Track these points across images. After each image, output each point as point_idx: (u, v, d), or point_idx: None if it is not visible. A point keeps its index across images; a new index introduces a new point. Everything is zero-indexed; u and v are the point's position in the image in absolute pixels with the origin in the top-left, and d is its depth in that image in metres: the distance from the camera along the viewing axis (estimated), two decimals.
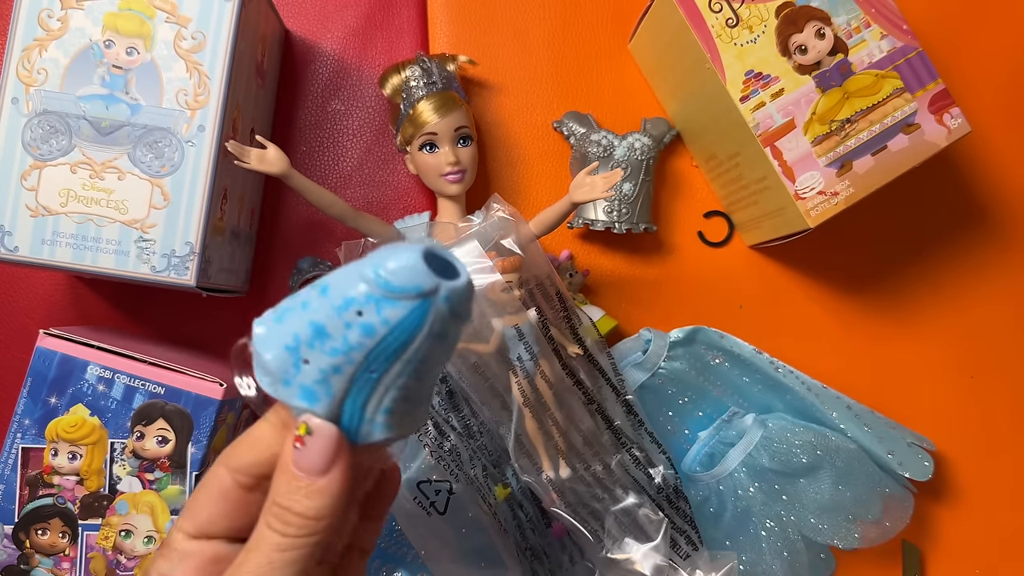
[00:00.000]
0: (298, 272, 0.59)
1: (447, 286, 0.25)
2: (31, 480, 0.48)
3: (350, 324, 0.25)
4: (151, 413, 0.48)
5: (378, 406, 0.26)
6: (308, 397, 0.26)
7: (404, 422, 0.27)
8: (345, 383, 0.26)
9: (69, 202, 0.46)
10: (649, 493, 0.52)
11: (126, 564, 0.48)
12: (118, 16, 0.47)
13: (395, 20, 0.61)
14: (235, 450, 0.29)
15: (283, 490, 0.27)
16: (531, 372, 0.49)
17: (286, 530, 0.27)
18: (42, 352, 0.48)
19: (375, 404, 0.26)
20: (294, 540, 0.27)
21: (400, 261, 0.25)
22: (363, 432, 0.27)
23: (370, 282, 0.25)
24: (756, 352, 0.58)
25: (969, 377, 0.62)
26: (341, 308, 0.25)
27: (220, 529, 0.29)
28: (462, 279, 0.26)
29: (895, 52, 0.51)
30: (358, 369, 0.25)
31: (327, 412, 0.26)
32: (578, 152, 0.59)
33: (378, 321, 0.25)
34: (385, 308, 0.25)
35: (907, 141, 0.51)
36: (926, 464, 0.56)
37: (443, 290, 0.25)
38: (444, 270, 0.26)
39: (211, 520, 0.29)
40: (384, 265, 0.25)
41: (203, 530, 0.29)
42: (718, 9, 0.51)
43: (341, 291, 0.25)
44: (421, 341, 0.25)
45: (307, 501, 0.27)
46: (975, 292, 0.62)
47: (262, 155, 0.49)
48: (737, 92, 0.51)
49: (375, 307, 0.25)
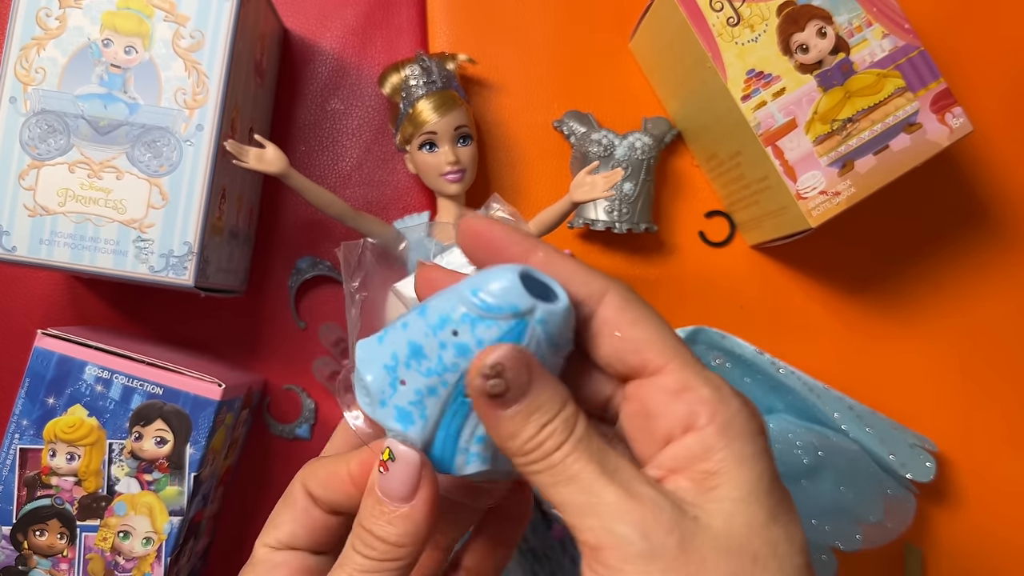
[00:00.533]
0: (297, 272, 0.58)
1: (544, 308, 0.25)
2: (29, 481, 0.48)
3: (445, 344, 0.25)
4: (149, 414, 0.48)
5: (472, 435, 0.26)
6: (403, 419, 0.26)
7: (499, 456, 0.26)
8: (440, 406, 0.26)
9: (67, 202, 0.46)
10: None
11: (124, 565, 0.48)
12: (116, 15, 0.47)
13: (394, 19, 0.61)
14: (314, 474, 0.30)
15: (367, 513, 0.27)
16: None
17: (369, 552, 0.27)
18: (40, 352, 0.48)
19: (469, 432, 0.26)
20: (377, 564, 0.27)
21: (497, 281, 0.25)
22: (457, 463, 0.26)
23: (466, 301, 0.25)
24: (758, 352, 0.57)
25: (971, 377, 0.62)
26: (437, 327, 0.25)
27: (304, 543, 0.30)
28: (561, 303, 0.25)
29: (897, 51, 0.51)
30: (452, 392, 0.25)
31: (421, 436, 0.26)
32: (578, 151, 0.59)
33: (472, 341, 0.25)
34: (479, 328, 0.25)
35: (909, 140, 0.51)
36: (928, 465, 0.56)
37: (539, 312, 0.25)
38: (544, 295, 0.25)
39: (293, 534, 0.30)
40: (482, 285, 0.25)
41: (287, 543, 0.30)
42: (719, 8, 0.51)
43: (438, 311, 0.25)
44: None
45: (389, 527, 0.27)
46: (977, 292, 0.62)
47: (261, 154, 0.49)
48: (738, 91, 0.51)
49: (470, 327, 0.25)
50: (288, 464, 0.58)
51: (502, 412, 0.24)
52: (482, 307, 0.25)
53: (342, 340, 0.58)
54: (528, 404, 0.24)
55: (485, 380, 0.24)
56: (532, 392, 0.24)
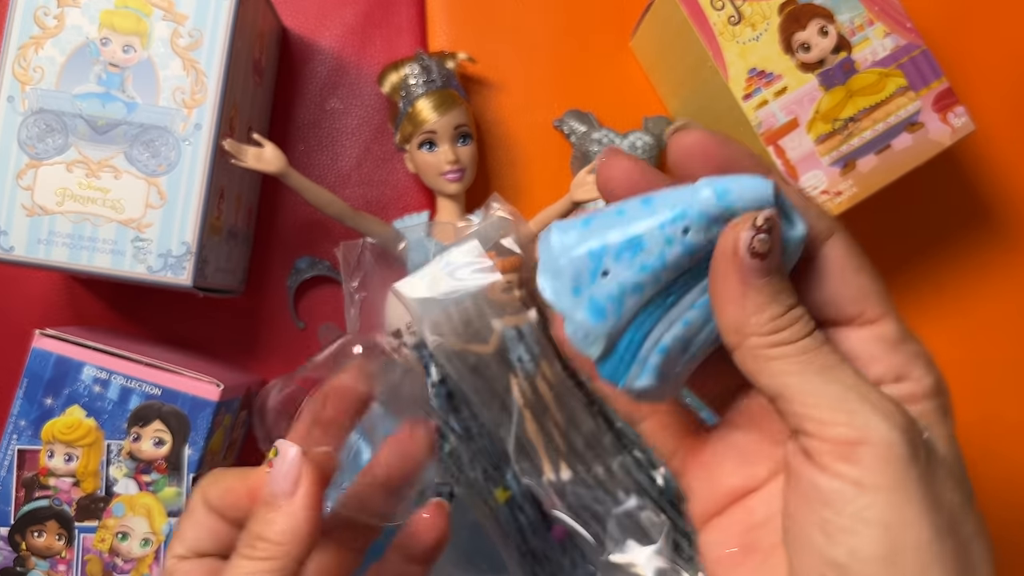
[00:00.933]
0: (296, 272, 0.58)
1: (785, 227, 0.23)
2: (27, 482, 0.48)
3: (672, 240, 0.23)
4: (147, 414, 0.48)
5: (656, 343, 0.24)
6: (595, 312, 0.24)
7: (670, 375, 0.25)
8: (638, 305, 0.24)
9: (65, 201, 0.46)
10: (651, 495, 0.51)
11: (123, 567, 0.48)
12: (115, 14, 0.46)
13: (394, 18, 0.61)
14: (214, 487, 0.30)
15: (254, 517, 0.28)
16: (532, 373, 0.49)
17: (252, 553, 0.27)
18: (38, 353, 0.48)
19: (654, 340, 0.24)
20: (260, 564, 0.27)
21: (751, 187, 0.23)
22: (631, 374, 0.25)
23: (707, 201, 0.23)
24: None
25: (973, 378, 0.61)
26: (668, 222, 0.23)
27: (210, 549, 0.30)
28: (799, 229, 0.24)
29: (899, 50, 0.51)
30: (659, 292, 0.24)
31: (609, 332, 0.24)
32: (579, 151, 0.59)
33: (704, 240, 0.23)
34: (715, 230, 0.23)
35: (911, 140, 0.51)
36: None
37: (785, 202, 0.24)
38: (786, 215, 0.24)
39: (198, 541, 0.30)
40: (730, 187, 0.23)
41: (194, 551, 0.30)
42: (720, 7, 0.51)
43: (670, 205, 0.24)
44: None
45: (271, 525, 0.27)
46: (979, 292, 0.62)
47: (259, 154, 0.49)
48: (740, 90, 0.51)
49: (705, 227, 0.23)
50: None
51: (757, 279, 0.23)
52: (727, 207, 0.23)
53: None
54: (779, 280, 0.23)
55: (754, 233, 0.22)
56: (782, 270, 0.23)
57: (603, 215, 0.25)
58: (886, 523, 0.22)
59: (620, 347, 0.25)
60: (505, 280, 0.48)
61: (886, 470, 0.22)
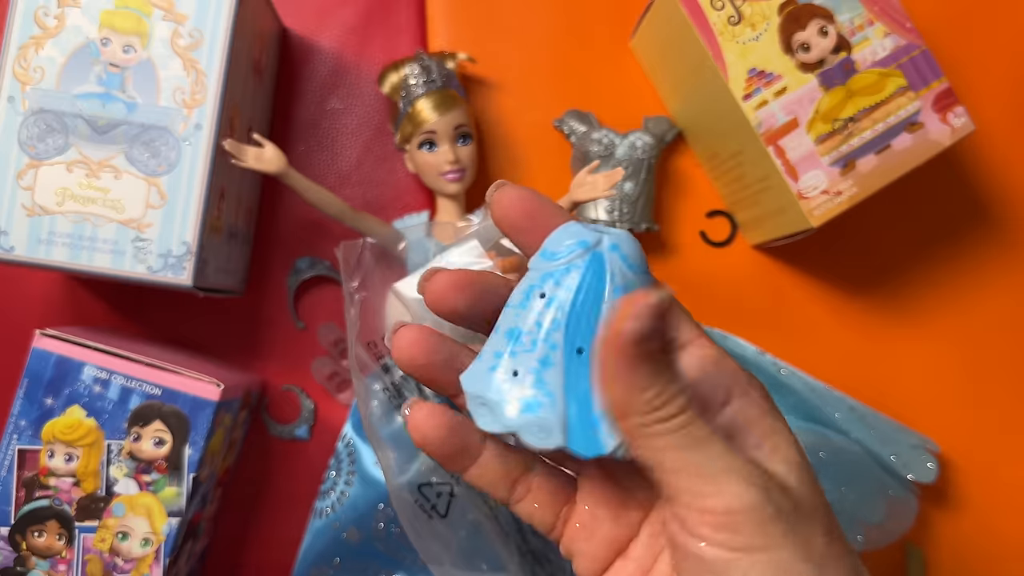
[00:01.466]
0: (296, 272, 0.58)
1: (610, 234, 0.25)
2: (27, 482, 0.48)
3: (538, 310, 0.25)
4: (148, 414, 0.48)
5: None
6: (530, 407, 0.25)
7: None
8: (559, 375, 0.25)
9: (65, 201, 0.46)
10: None
11: (123, 566, 0.48)
12: (115, 14, 0.46)
13: (394, 18, 0.61)
14: None
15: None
16: None
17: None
18: (38, 353, 0.48)
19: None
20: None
21: (557, 232, 0.26)
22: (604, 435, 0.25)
23: (539, 265, 0.26)
24: (759, 353, 0.57)
25: (973, 377, 0.61)
26: (524, 300, 0.26)
27: None
28: (621, 231, 0.26)
29: (899, 50, 0.51)
30: (565, 351, 0.25)
31: (555, 412, 0.25)
32: (579, 151, 0.59)
33: (561, 290, 0.25)
34: (563, 278, 0.25)
35: (911, 140, 0.51)
36: (930, 466, 0.56)
37: (606, 239, 0.25)
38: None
39: None
40: (546, 245, 0.26)
41: None
42: (720, 7, 0.51)
43: (519, 290, 0.26)
44: (611, 296, 0.25)
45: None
46: (979, 291, 0.62)
47: (259, 154, 0.49)
48: (740, 90, 0.51)
49: (554, 281, 0.25)
50: (287, 465, 0.58)
51: (640, 364, 0.23)
52: (554, 257, 0.25)
53: (341, 340, 0.58)
54: (660, 359, 0.24)
55: (637, 325, 0.23)
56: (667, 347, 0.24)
57: (487, 342, 0.26)
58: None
59: (573, 417, 0.25)
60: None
61: (758, 532, 0.23)
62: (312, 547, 0.53)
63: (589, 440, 0.25)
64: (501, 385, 0.25)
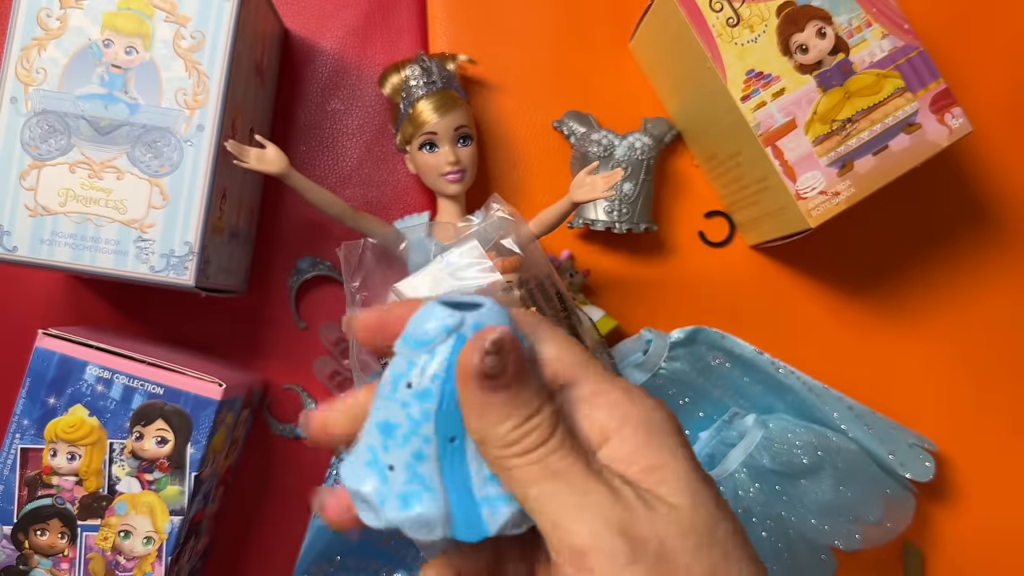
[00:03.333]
0: (297, 272, 0.58)
1: (472, 315, 0.24)
2: (30, 481, 0.48)
3: (407, 402, 0.24)
4: (150, 413, 0.48)
5: (481, 476, 0.25)
6: (408, 502, 0.24)
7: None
8: (434, 466, 0.24)
9: (68, 202, 0.46)
10: None
11: (125, 565, 0.48)
12: (117, 15, 0.47)
13: (395, 19, 0.61)
14: None
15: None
16: None
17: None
18: (41, 352, 0.48)
19: (477, 476, 0.25)
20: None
21: (417, 317, 0.24)
22: (484, 517, 0.24)
23: (402, 352, 0.24)
24: (757, 352, 0.57)
25: (970, 377, 0.62)
26: (392, 391, 0.24)
27: None
28: (486, 305, 0.25)
29: (896, 51, 0.51)
30: (437, 444, 0.24)
31: (436, 505, 0.24)
32: (578, 152, 0.59)
33: (427, 380, 0.24)
34: (427, 366, 0.24)
35: (908, 141, 0.51)
36: (927, 465, 0.56)
37: (470, 319, 0.24)
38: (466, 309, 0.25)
39: None
40: (408, 331, 0.25)
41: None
42: (719, 8, 0.51)
43: (385, 379, 0.25)
44: None
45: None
46: (976, 292, 0.62)
47: (261, 154, 0.49)
48: (738, 91, 0.51)
49: (419, 370, 0.24)
50: (289, 463, 0.58)
51: (492, 397, 0.23)
52: (417, 345, 0.24)
53: (342, 340, 0.58)
54: (516, 392, 0.24)
55: (483, 358, 0.23)
56: (521, 380, 0.24)
57: (360, 435, 0.26)
58: None
59: (455, 505, 0.25)
60: (505, 280, 0.48)
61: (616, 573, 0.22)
62: (313, 545, 0.54)
63: (473, 525, 0.24)
64: (377, 482, 0.25)
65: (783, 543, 0.54)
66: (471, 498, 0.24)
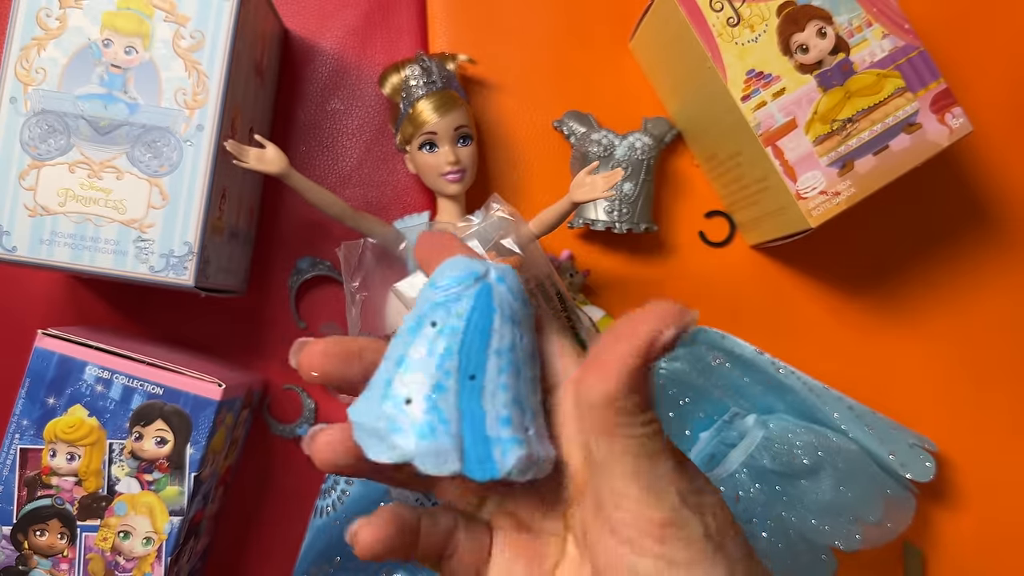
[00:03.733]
0: (297, 272, 0.58)
1: (495, 267, 0.27)
2: (29, 481, 0.48)
3: (432, 339, 0.26)
4: (150, 414, 0.48)
5: (496, 418, 0.25)
6: (425, 433, 0.25)
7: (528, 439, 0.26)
8: (453, 400, 0.25)
9: (67, 202, 0.46)
10: None
11: (125, 565, 0.48)
12: (117, 15, 0.47)
13: (394, 19, 0.61)
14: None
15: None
16: None
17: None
18: (40, 352, 0.48)
19: (492, 416, 0.25)
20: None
21: (444, 265, 0.27)
22: (497, 456, 0.25)
23: (429, 296, 0.26)
24: (758, 352, 0.57)
25: (971, 377, 0.62)
26: (415, 328, 0.26)
27: None
28: (504, 265, 0.27)
29: (897, 51, 0.51)
30: (458, 378, 0.25)
31: (452, 438, 0.25)
32: (578, 152, 0.59)
33: (454, 319, 0.26)
34: (453, 307, 0.26)
35: (909, 141, 0.51)
36: (928, 465, 0.56)
37: (493, 272, 0.27)
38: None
39: None
40: (437, 275, 0.27)
41: None
42: (719, 8, 0.51)
43: (409, 318, 0.26)
44: (500, 325, 0.26)
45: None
46: (976, 292, 0.62)
47: (261, 154, 0.49)
48: (738, 91, 0.51)
49: (444, 311, 0.26)
50: (288, 464, 0.58)
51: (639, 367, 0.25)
52: (446, 286, 0.26)
53: None
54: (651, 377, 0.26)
55: (669, 337, 0.25)
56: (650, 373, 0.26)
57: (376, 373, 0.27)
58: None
59: (468, 442, 0.25)
60: None
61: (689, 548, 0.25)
62: (313, 545, 0.54)
63: (484, 463, 0.25)
64: (393, 413, 0.25)
65: (783, 543, 0.54)
66: (485, 436, 0.25)
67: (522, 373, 0.26)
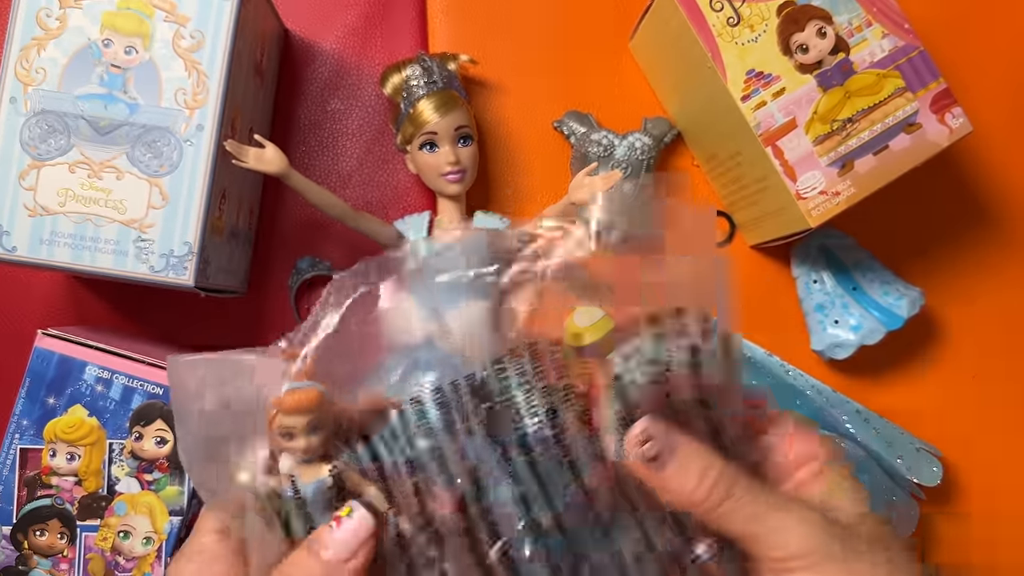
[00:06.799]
0: (297, 272, 0.58)
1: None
2: (29, 481, 0.48)
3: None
4: (149, 414, 0.48)
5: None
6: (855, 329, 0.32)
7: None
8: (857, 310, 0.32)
9: (67, 202, 0.46)
10: None
11: (124, 565, 0.48)
12: (117, 15, 0.47)
13: (395, 19, 0.61)
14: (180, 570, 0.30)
15: (292, 560, 0.28)
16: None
17: None
18: (40, 352, 0.48)
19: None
20: None
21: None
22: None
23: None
24: (767, 355, 0.57)
25: (971, 378, 0.62)
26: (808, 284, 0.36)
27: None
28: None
29: (897, 51, 0.51)
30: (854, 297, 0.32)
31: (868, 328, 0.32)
32: (578, 152, 0.59)
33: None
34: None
35: (909, 141, 0.51)
36: (935, 470, 0.56)
37: None
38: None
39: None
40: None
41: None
42: (719, 8, 0.51)
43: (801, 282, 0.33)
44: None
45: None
46: (976, 292, 0.62)
47: (260, 154, 0.49)
48: (738, 91, 0.51)
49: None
50: None
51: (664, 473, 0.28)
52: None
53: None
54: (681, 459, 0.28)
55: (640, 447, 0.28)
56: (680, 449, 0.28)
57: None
58: None
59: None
60: (286, 424, 0.31)
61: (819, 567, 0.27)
62: None
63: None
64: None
65: None
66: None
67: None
